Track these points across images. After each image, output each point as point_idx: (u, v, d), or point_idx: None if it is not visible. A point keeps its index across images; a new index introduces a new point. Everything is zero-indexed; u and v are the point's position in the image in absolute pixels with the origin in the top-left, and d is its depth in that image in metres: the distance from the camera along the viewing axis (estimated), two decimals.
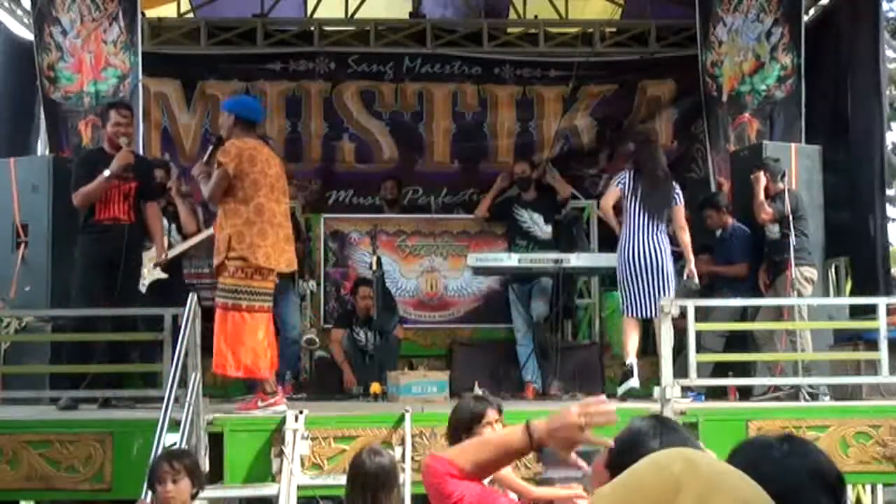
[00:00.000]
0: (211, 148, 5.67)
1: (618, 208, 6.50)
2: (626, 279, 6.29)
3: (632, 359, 6.20)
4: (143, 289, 6.57)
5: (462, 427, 3.71)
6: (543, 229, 7.56)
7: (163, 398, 4.77)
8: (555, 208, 7.83)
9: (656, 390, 5.39)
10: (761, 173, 6.63)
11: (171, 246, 6.75)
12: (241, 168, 5.39)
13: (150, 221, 6.26)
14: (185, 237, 7.24)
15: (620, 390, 6.25)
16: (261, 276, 5.43)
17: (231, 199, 5.43)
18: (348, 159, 9.77)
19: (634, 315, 6.24)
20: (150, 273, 6.55)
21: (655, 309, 5.88)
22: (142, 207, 6.20)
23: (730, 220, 7.15)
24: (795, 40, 7.86)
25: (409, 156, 9.81)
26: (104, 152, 6.20)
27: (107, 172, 5.90)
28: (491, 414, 3.71)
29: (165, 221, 6.79)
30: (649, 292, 6.18)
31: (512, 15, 10.65)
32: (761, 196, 6.57)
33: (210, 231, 6.88)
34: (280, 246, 5.51)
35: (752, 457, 1.50)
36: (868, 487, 7.96)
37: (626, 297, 6.30)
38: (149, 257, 6.57)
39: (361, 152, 9.76)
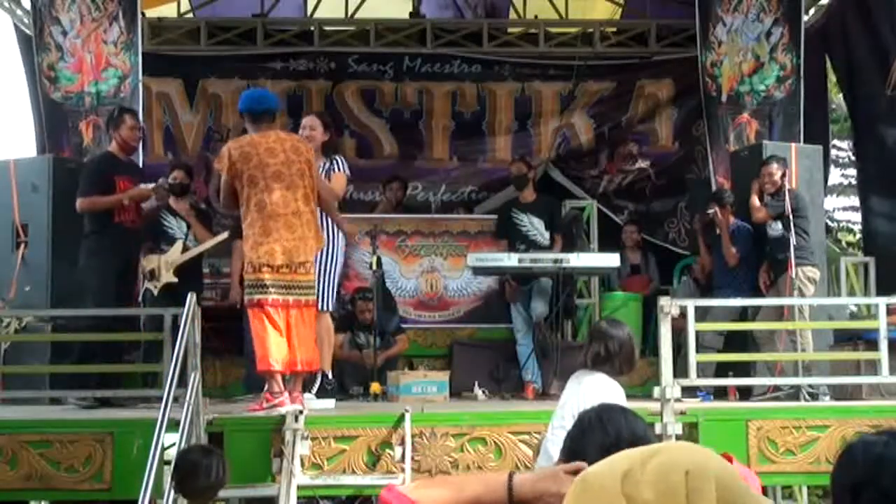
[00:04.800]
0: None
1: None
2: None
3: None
4: (154, 291, 6.58)
5: None
6: (544, 235, 7.46)
7: (162, 398, 4.77)
8: (554, 211, 7.72)
9: (656, 390, 5.37)
10: (774, 165, 6.61)
11: (185, 249, 6.73)
12: (234, 169, 5.21)
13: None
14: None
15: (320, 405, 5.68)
16: (270, 269, 5.16)
17: (242, 202, 5.26)
18: (349, 155, 9.78)
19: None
20: (164, 275, 6.54)
21: None
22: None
23: (732, 219, 7.14)
24: (795, 41, 7.86)
25: (408, 152, 9.86)
26: (115, 157, 6.28)
27: (126, 200, 6.09)
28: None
29: (184, 225, 6.84)
30: None
31: (512, 15, 10.66)
32: (754, 199, 6.58)
33: (223, 235, 6.88)
34: (284, 236, 5.18)
35: (876, 457, 1.37)
36: None
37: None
38: (164, 259, 6.57)
39: (362, 148, 9.81)
